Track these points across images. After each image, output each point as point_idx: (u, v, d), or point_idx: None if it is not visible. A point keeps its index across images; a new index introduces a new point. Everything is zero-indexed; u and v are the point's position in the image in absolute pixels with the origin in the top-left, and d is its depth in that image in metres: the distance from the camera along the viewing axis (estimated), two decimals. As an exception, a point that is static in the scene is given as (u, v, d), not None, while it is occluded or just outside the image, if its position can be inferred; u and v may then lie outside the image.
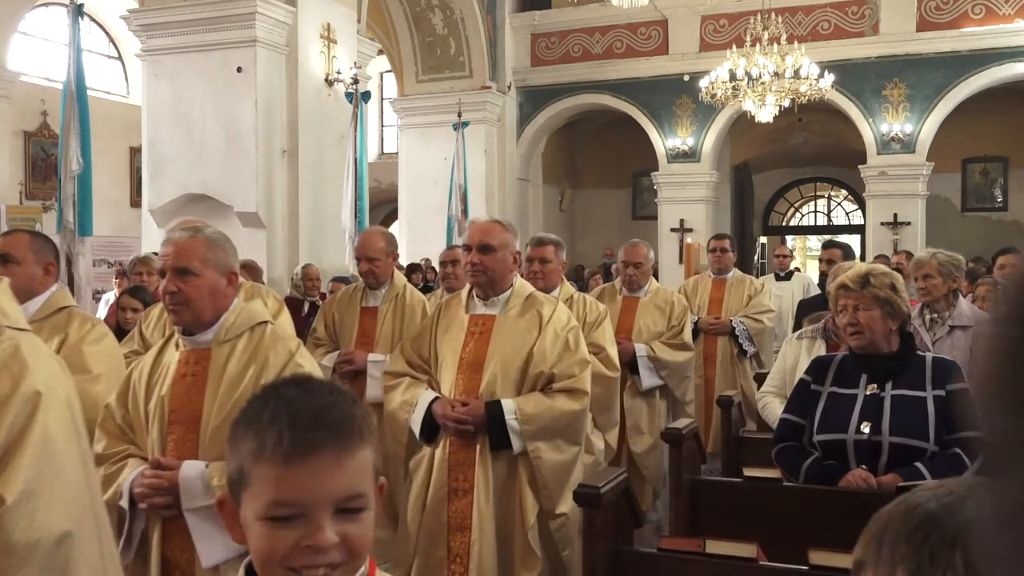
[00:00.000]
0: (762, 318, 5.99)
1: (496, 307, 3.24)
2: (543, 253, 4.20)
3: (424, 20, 13.75)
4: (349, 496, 1.08)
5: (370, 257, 4.40)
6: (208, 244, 2.43)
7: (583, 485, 2.54)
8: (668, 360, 4.89)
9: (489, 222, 3.30)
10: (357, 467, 1.09)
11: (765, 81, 10.86)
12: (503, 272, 3.21)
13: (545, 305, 3.23)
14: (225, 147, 9.08)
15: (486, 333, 3.19)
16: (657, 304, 5.08)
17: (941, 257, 4.18)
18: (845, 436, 2.85)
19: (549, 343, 3.13)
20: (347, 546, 1.09)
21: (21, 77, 13.19)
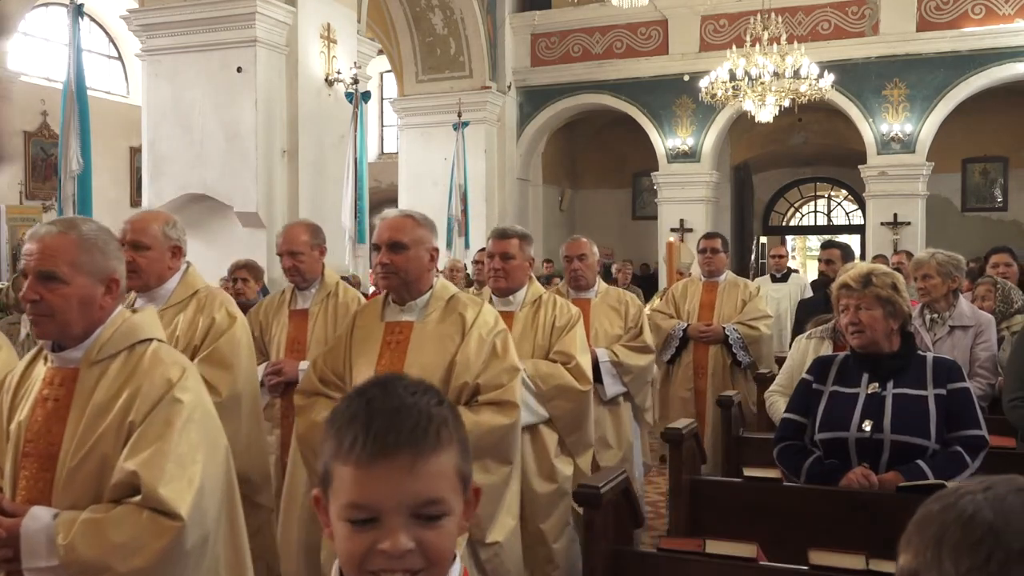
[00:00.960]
0: (758, 325, 5.44)
1: (414, 312, 2.89)
2: (506, 248, 3.66)
3: (424, 20, 13.75)
4: (425, 502, 1.05)
5: (292, 251, 3.94)
6: (81, 244, 2.00)
7: (583, 485, 2.54)
8: (632, 364, 4.41)
9: (400, 217, 2.90)
10: (434, 472, 1.06)
11: (765, 81, 10.86)
12: (418, 272, 2.85)
13: (468, 308, 2.89)
14: (225, 147, 9.07)
15: (403, 342, 2.85)
16: (610, 304, 4.60)
17: (940, 257, 4.18)
18: (847, 434, 2.85)
19: (473, 350, 2.79)
20: (425, 553, 1.06)
21: (21, 77, 13.20)
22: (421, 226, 2.87)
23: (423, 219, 2.93)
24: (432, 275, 2.93)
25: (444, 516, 1.07)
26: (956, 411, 2.84)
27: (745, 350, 5.39)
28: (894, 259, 8.60)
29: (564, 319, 3.68)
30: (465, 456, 1.12)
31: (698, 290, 5.68)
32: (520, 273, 3.73)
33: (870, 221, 13.47)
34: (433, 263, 2.90)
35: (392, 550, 1.04)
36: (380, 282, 2.95)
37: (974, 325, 4.10)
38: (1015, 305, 4.50)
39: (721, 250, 5.65)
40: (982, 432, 2.85)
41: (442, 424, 1.09)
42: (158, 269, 3.09)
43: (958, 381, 2.89)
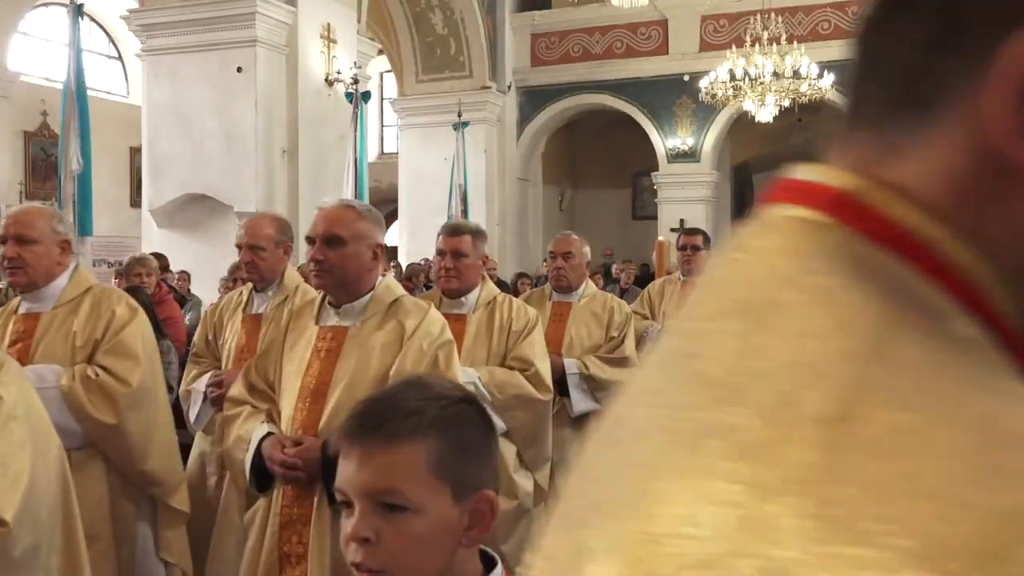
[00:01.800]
0: None
1: (350, 316, 2.55)
2: (458, 245, 3.30)
3: (424, 20, 13.75)
4: (380, 490, 1.08)
5: (253, 245, 3.48)
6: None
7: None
8: (605, 379, 3.92)
9: (339, 207, 2.61)
10: (391, 462, 1.08)
11: (765, 81, 10.87)
12: (357, 271, 2.52)
13: (411, 314, 2.56)
14: (225, 147, 9.08)
15: (335, 350, 2.52)
16: (593, 310, 4.16)
17: None
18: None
19: (411, 362, 2.46)
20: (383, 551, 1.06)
21: (21, 77, 13.21)
22: (363, 218, 2.55)
23: (366, 211, 2.63)
24: (375, 275, 2.60)
25: (405, 510, 1.07)
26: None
27: None
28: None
29: (521, 322, 3.40)
30: (457, 458, 1.11)
31: (676, 291, 5.19)
32: (473, 273, 3.41)
33: (870, 221, 13.46)
34: (376, 262, 2.58)
35: (349, 534, 1.08)
36: (313, 280, 2.70)
37: None
38: None
39: (703, 247, 5.15)
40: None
41: (412, 415, 1.09)
42: (46, 264, 2.89)
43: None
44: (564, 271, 4.18)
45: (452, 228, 3.47)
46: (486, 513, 1.13)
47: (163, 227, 9.36)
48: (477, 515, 1.12)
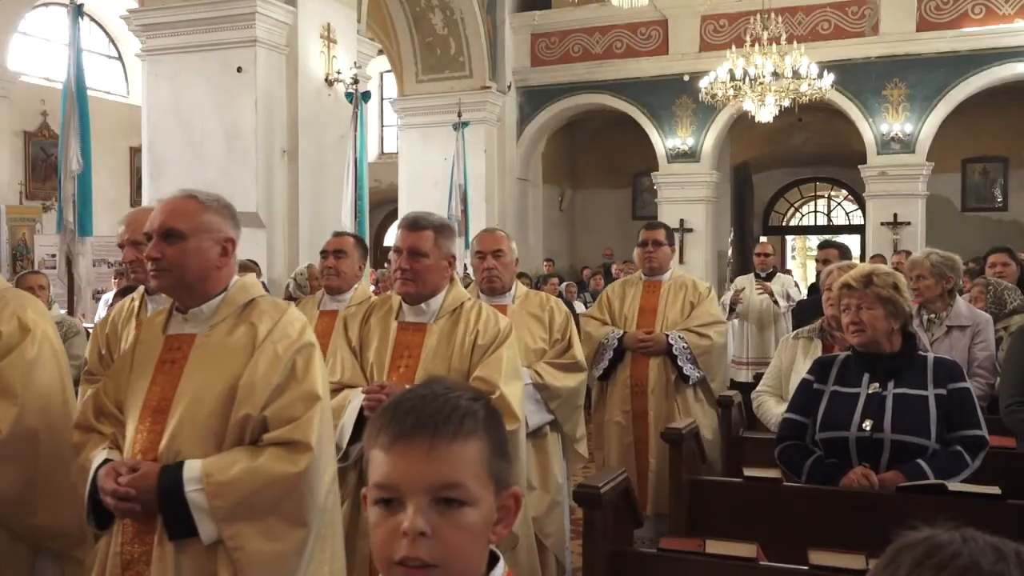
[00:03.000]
0: (709, 332, 4.52)
1: (199, 322, 2.24)
2: (416, 242, 2.91)
3: (424, 20, 13.75)
4: (443, 484, 1.08)
5: (137, 242, 3.01)
6: None
7: (582, 485, 2.53)
8: (559, 387, 3.58)
9: (180, 198, 2.25)
10: (454, 456, 1.09)
11: (765, 81, 10.86)
12: (201, 270, 2.21)
13: (266, 315, 2.24)
14: (225, 147, 9.08)
15: (180, 361, 2.20)
16: (531, 312, 3.75)
17: (935, 258, 4.19)
18: (847, 433, 2.86)
19: (262, 371, 2.14)
20: (441, 545, 1.07)
21: (21, 77, 13.20)
22: (207, 209, 2.23)
23: (213, 201, 2.28)
24: (227, 274, 2.28)
25: (465, 505, 1.09)
26: (956, 411, 2.85)
27: (693, 363, 4.49)
28: (894, 259, 8.60)
29: (489, 335, 2.91)
30: (499, 456, 1.14)
31: (638, 291, 4.73)
32: (434, 275, 2.93)
33: (870, 221, 13.47)
34: (226, 259, 2.26)
35: (408, 528, 1.06)
36: (151, 282, 2.36)
37: (971, 325, 4.10)
38: (1008, 306, 4.50)
39: (665, 242, 4.73)
40: (982, 432, 2.86)
41: (468, 414, 1.12)
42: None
43: (959, 381, 2.90)
44: (496, 272, 3.71)
45: (411, 222, 2.97)
46: (512, 509, 1.16)
47: (163, 227, 9.34)
48: (504, 510, 1.15)
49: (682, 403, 4.50)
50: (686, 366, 4.48)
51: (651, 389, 4.52)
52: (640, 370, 4.56)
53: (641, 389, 4.55)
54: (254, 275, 2.45)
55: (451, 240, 3.01)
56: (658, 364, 4.54)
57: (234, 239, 2.29)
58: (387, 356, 2.93)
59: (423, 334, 2.93)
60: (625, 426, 4.59)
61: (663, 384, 4.53)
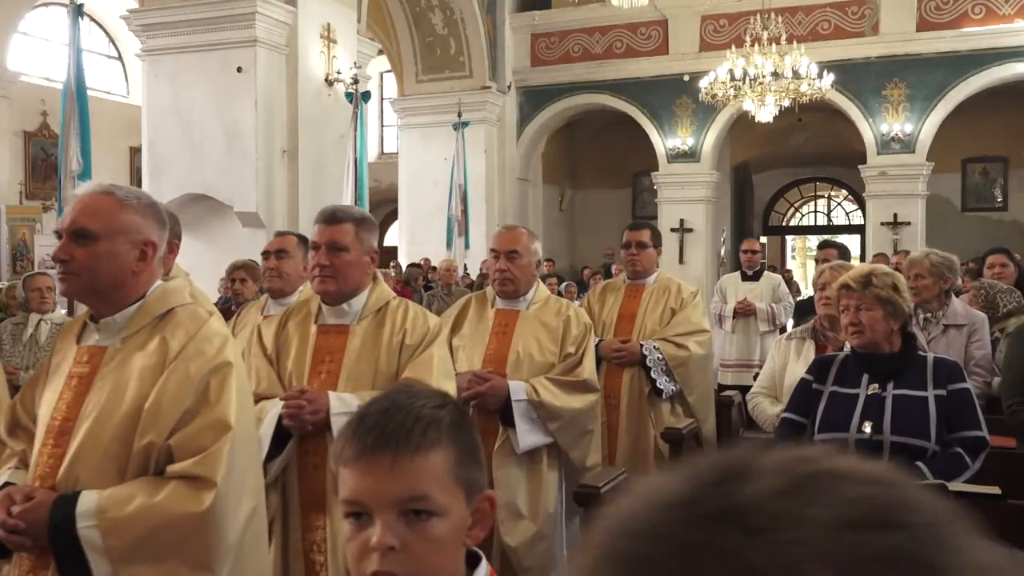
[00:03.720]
0: (687, 342, 4.12)
1: (111, 333, 2.00)
2: (335, 236, 2.68)
3: (424, 20, 13.75)
4: (408, 498, 1.08)
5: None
6: None
7: (583, 485, 2.53)
8: (558, 407, 3.24)
9: (94, 192, 2.01)
10: (417, 470, 1.09)
11: (765, 81, 10.87)
12: (115, 275, 1.96)
13: (181, 328, 1.99)
14: (225, 147, 9.08)
15: (88, 376, 1.97)
16: (545, 320, 3.41)
17: (934, 258, 4.22)
18: (846, 435, 2.85)
19: (171, 393, 1.90)
20: (411, 557, 1.08)
21: (21, 77, 13.21)
22: (126, 208, 1.97)
23: (133, 198, 2.02)
24: (146, 280, 2.03)
25: (433, 516, 1.09)
26: (956, 412, 2.84)
27: (669, 375, 4.10)
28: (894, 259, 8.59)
29: (418, 334, 2.69)
30: (467, 462, 1.14)
31: (619, 296, 4.39)
32: (356, 271, 2.70)
33: (870, 221, 13.47)
34: (145, 264, 2.00)
35: (376, 544, 1.07)
36: (59, 286, 2.15)
37: (968, 324, 4.13)
38: (1001, 309, 4.51)
39: (650, 244, 4.36)
40: (982, 433, 2.85)
41: (432, 424, 1.11)
42: None
43: (959, 382, 2.89)
44: (510, 275, 3.39)
45: (329, 214, 2.73)
46: (487, 512, 1.17)
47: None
48: (479, 514, 1.16)
49: (656, 418, 4.11)
50: (660, 379, 4.09)
51: (625, 402, 4.17)
52: (613, 381, 4.19)
53: (614, 401, 4.19)
54: (182, 280, 2.18)
55: (373, 234, 2.77)
56: (632, 375, 4.16)
57: (155, 242, 2.02)
58: (307, 363, 2.68)
59: (345, 336, 2.69)
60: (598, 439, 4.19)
61: (636, 397, 4.16)
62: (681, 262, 14.29)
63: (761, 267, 7.32)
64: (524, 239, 3.42)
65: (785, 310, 6.98)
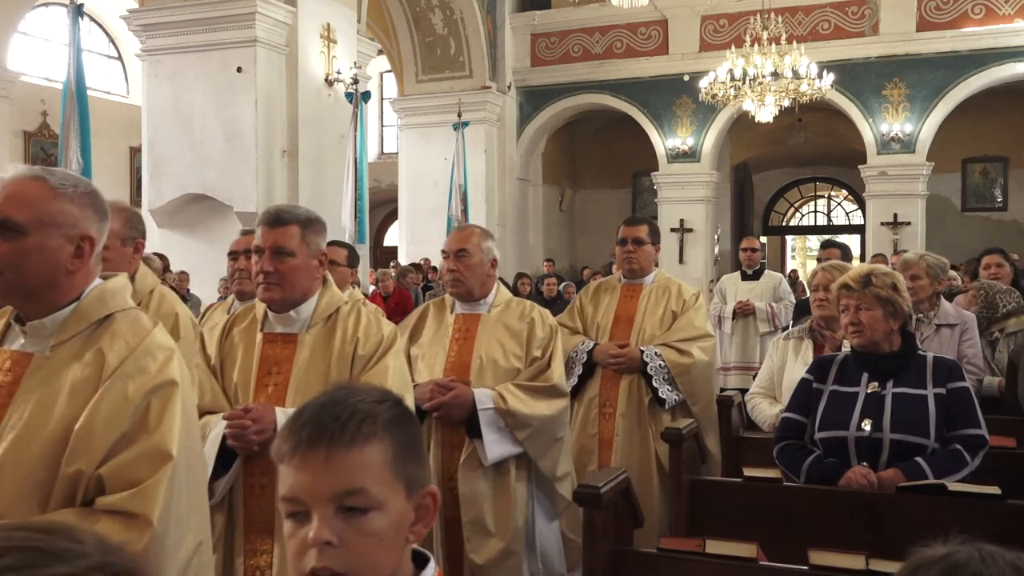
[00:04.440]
0: (691, 348, 3.86)
1: (39, 339, 1.73)
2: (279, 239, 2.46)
3: (424, 20, 13.75)
4: (343, 492, 1.08)
5: None
6: None
7: (583, 485, 2.53)
8: (527, 415, 3.05)
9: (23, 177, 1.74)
10: (351, 464, 1.08)
11: (765, 81, 10.87)
12: (45, 272, 1.70)
13: (120, 338, 1.72)
14: (225, 147, 9.08)
15: (10, 387, 1.70)
16: (508, 324, 3.22)
17: (930, 259, 4.34)
18: (846, 433, 2.86)
19: (105, 416, 1.64)
20: (348, 553, 1.07)
21: (21, 77, 13.21)
22: (59, 196, 1.71)
23: (70, 186, 1.75)
24: (82, 279, 1.76)
25: (370, 510, 1.09)
26: (956, 410, 2.85)
27: (671, 383, 3.83)
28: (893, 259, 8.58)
29: (371, 343, 2.49)
30: (407, 456, 1.13)
31: (615, 296, 4.10)
32: (303, 276, 2.49)
33: (870, 221, 13.47)
34: (81, 261, 1.75)
35: (312, 539, 1.06)
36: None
37: (959, 323, 4.21)
38: (1001, 310, 4.54)
39: (647, 240, 4.07)
40: (982, 431, 2.86)
41: (367, 418, 1.11)
42: None
43: (958, 380, 2.90)
44: (460, 275, 3.19)
45: (272, 216, 2.50)
46: (430, 507, 1.16)
47: (163, 227, 9.36)
48: (422, 509, 1.15)
49: (657, 430, 3.76)
50: (662, 388, 3.81)
51: (620, 412, 3.88)
52: (610, 389, 3.91)
53: (610, 411, 3.90)
54: (123, 279, 1.88)
55: (321, 236, 2.55)
56: (630, 383, 3.88)
57: (93, 237, 1.76)
58: (252, 374, 2.49)
59: (293, 346, 2.50)
60: (590, 452, 3.92)
61: (635, 407, 3.87)
62: (681, 262, 14.30)
63: (761, 266, 7.15)
64: (475, 238, 3.23)
65: (786, 310, 6.85)
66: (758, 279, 6.97)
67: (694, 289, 4.13)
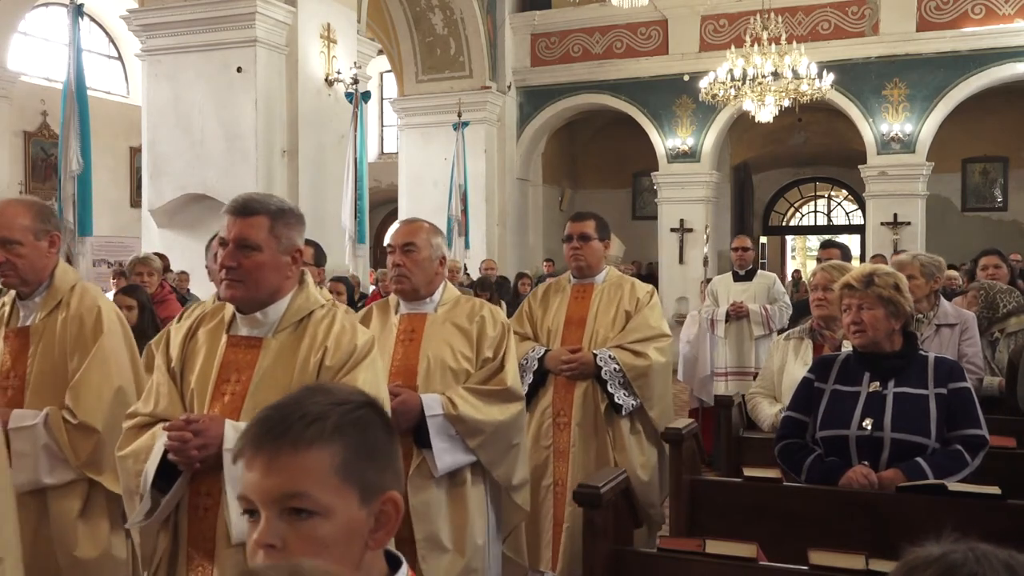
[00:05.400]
0: (646, 349, 3.64)
1: None
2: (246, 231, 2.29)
3: (424, 20, 13.75)
4: (284, 495, 1.06)
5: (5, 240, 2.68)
6: None
7: (583, 485, 2.53)
8: (480, 420, 2.84)
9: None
10: (295, 466, 1.07)
11: (765, 81, 10.87)
12: None
13: None
14: (225, 147, 9.08)
15: None
16: (457, 323, 2.98)
17: (923, 259, 4.35)
18: (847, 432, 2.86)
19: None
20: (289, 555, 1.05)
21: (21, 77, 13.20)
22: None
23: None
24: None
25: (313, 515, 1.07)
26: (957, 410, 2.85)
27: (627, 388, 3.62)
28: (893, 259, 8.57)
29: (341, 353, 2.22)
30: (360, 460, 1.10)
31: (565, 297, 3.86)
32: (271, 274, 2.24)
33: (870, 221, 13.47)
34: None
35: (256, 541, 1.06)
36: None
37: (959, 322, 4.21)
38: (1001, 310, 4.54)
39: (595, 236, 3.82)
40: (982, 431, 2.86)
41: (316, 421, 1.09)
42: None
43: (959, 381, 2.90)
44: (405, 269, 2.94)
45: (239, 205, 2.29)
46: (391, 514, 1.13)
47: (163, 227, 9.36)
48: (383, 516, 1.12)
49: (615, 438, 3.61)
50: (618, 393, 3.60)
51: (576, 421, 3.65)
52: (564, 398, 3.68)
53: (565, 421, 3.66)
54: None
55: (295, 229, 2.29)
56: (585, 390, 3.66)
57: None
58: (211, 380, 2.24)
59: (257, 351, 2.24)
60: (543, 465, 3.68)
61: (591, 415, 3.65)
62: (681, 262, 14.30)
63: (753, 266, 6.84)
64: (423, 232, 3.00)
65: (780, 312, 6.53)
66: (751, 280, 6.68)
67: (647, 286, 3.91)
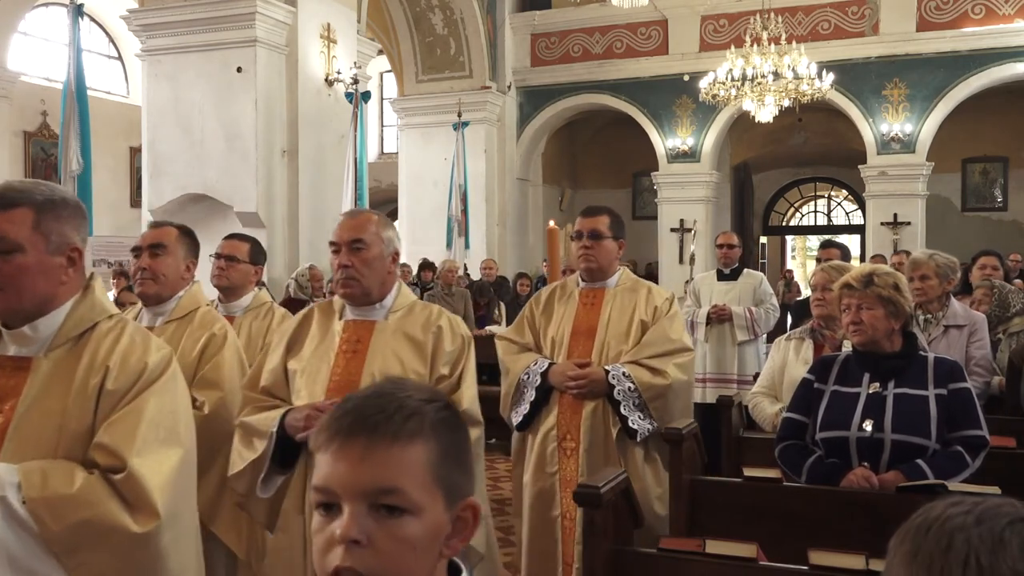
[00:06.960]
0: (666, 366, 3.18)
1: None
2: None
3: (424, 20, 13.75)
4: (379, 489, 1.00)
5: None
6: None
7: (583, 485, 2.53)
8: None
9: None
10: (393, 460, 1.01)
11: (765, 81, 10.87)
12: None
13: None
14: (225, 147, 9.08)
15: None
16: (409, 333, 2.58)
17: (939, 259, 4.28)
18: (847, 433, 2.86)
19: None
20: (377, 555, 0.99)
21: (21, 77, 13.21)
22: None
23: None
24: None
25: (405, 513, 1.01)
26: (957, 411, 2.85)
27: (643, 409, 3.17)
28: (893, 259, 8.58)
29: (128, 375, 1.85)
30: (450, 463, 1.06)
31: (572, 303, 3.37)
32: (38, 281, 1.79)
33: (870, 221, 13.47)
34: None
35: (340, 535, 0.99)
36: None
37: (968, 324, 4.17)
38: (1012, 309, 4.53)
39: (608, 234, 3.31)
40: (983, 432, 2.86)
41: (414, 415, 1.04)
42: None
43: (959, 381, 2.90)
44: (354, 270, 2.52)
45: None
46: (470, 521, 1.08)
47: (163, 227, 9.35)
48: (460, 523, 1.07)
49: (629, 467, 3.11)
50: (632, 416, 3.15)
51: (584, 445, 3.20)
52: (570, 419, 3.22)
53: (572, 446, 3.22)
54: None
55: (70, 223, 1.83)
56: (594, 411, 3.21)
57: None
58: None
59: (25, 374, 1.79)
60: (549, 494, 3.24)
61: (600, 440, 3.20)
62: (681, 262, 14.30)
63: (739, 264, 6.29)
64: (372, 226, 2.55)
65: (767, 315, 6.05)
66: (736, 279, 6.13)
67: (667, 292, 3.43)
